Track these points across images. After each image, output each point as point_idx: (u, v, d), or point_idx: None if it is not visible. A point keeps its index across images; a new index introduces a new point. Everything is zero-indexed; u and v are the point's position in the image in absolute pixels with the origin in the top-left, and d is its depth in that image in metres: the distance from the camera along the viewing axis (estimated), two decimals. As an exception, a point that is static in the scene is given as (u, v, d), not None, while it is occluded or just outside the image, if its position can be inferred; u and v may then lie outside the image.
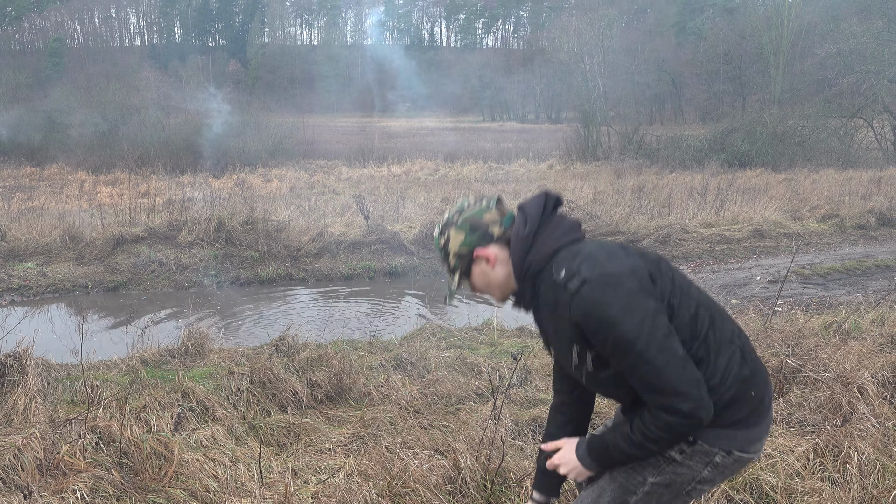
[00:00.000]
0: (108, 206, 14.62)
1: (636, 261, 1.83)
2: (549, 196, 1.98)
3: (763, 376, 1.92)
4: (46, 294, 9.46)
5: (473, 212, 1.98)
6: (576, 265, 1.80)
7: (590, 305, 1.74)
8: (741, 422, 1.84)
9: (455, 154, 29.20)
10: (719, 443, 1.84)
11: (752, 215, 13.58)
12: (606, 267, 1.78)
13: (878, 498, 2.99)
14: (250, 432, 4.29)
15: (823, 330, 5.62)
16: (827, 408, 4.01)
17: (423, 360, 5.46)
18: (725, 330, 1.89)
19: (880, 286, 9.35)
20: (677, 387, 1.70)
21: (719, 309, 1.95)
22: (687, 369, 1.72)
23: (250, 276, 10.27)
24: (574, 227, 1.96)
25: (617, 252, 1.85)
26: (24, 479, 3.14)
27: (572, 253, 1.86)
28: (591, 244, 1.90)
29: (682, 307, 1.84)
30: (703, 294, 1.94)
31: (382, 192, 18.00)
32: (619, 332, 1.72)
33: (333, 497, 3.03)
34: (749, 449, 1.87)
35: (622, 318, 1.72)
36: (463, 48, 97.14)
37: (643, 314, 1.72)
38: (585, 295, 1.75)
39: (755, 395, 1.86)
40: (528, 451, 3.62)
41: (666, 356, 1.71)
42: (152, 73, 42.50)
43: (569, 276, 1.79)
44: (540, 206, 1.95)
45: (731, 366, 1.83)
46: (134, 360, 5.60)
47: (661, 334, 1.72)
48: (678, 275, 1.93)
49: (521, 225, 1.93)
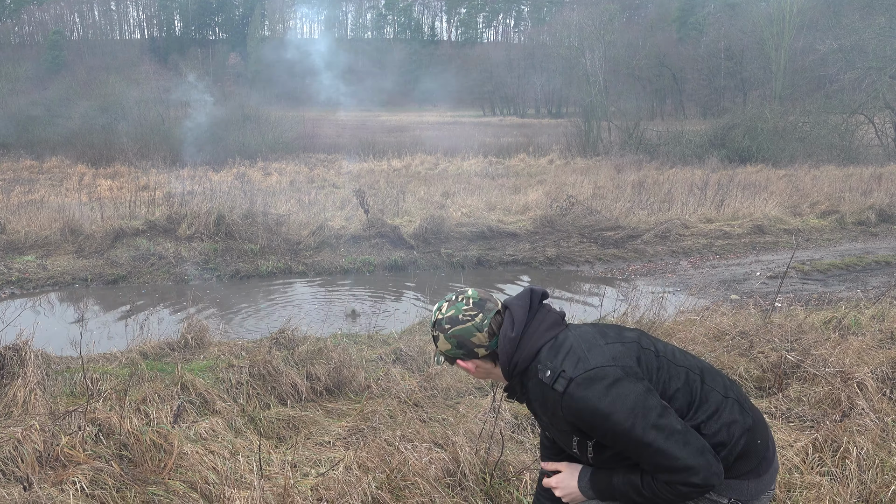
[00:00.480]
0: (107, 200, 14.60)
1: (616, 347, 1.87)
2: (534, 293, 2.02)
3: (762, 421, 1.97)
4: (46, 287, 9.45)
5: (464, 329, 1.97)
6: (558, 363, 1.85)
7: (579, 403, 1.79)
8: (752, 472, 1.88)
9: (455, 148, 29.16)
10: (731, 493, 1.88)
11: (753, 211, 13.58)
12: (588, 361, 1.81)
13: (876, 493, 2.99)
14: (250, 425, 4.29)
15: (823, 326, 5.62)
16: (826, 403, 4.02)
17: (422, 354, 5.46)
18: (718, 385, 1.93)
19: (880, 282, 9.35)
20: (685, 463, 1.73)
21: (706, 366, 2.00)
22: (690, 442, 1.75)
23: (250, 270, 10.26)
24: (556, 322, 1.99)
25: (596, 341, 1.89)
26: (23, 470, 3.15)
27: (554, 349, 1.90)
28: (571, 335, 1.93)
29: (673, 378, 1.89)
30: (687, 356, 1.99)
31: (382, 186, 17.98)
32: (613, 422, 1.76)
33: (333, 489, 3.03)
34: (759, 498, 1.91)
35: (613, 409, 1.75)
36: (463, 43, 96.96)
37: (634, 400, 1.76)
38: (573, 393, 1.79)
39: (761, 443, 1.91)
40: (527, 444, 3.62)
41: (665, 435, 1.74)
42: (152, 66, 42.42)
43: (554, 377, 1.83)
44: (525, 306, 1.98)
45: (735, 419, 1.87)
46: (133, 353, 5.60)
47: (656, 414, 1.75)
48: (660, 345, 1.98)
49: (509, 327, 1.95)
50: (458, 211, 12.91)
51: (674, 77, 53.77)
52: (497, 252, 11.26)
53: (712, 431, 1.83)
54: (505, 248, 11.50)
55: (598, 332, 1.94)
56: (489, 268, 10.94)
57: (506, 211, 13.53)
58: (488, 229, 11.76)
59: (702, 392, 1.88)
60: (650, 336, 2.02)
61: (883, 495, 2.96)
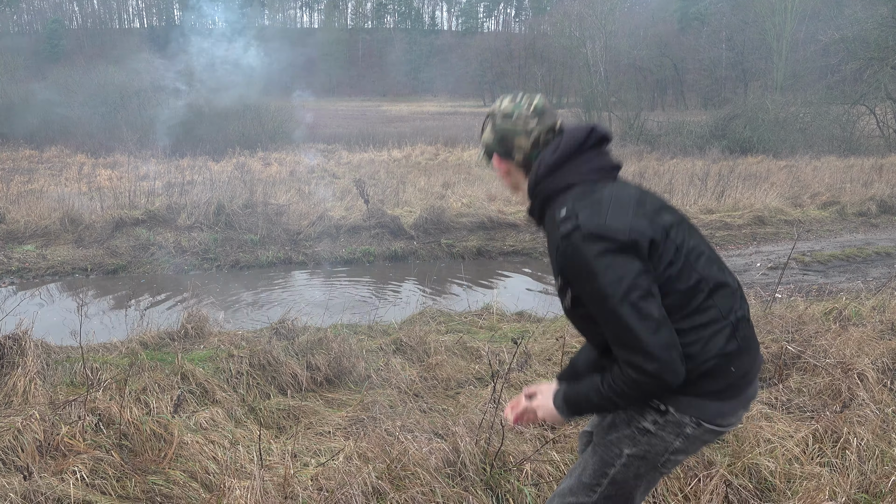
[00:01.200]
0: (107, 189, 14.58)
1: (640, 222, 1.78)
2: (594, 131, 1.93)
3: (752, 357, 1.91)
4: (46, 276, 9.45)
5: (513, 127, 1.95)
6: (578, 207, 1.79)
7: (575, 253, 1.76)
8: (715, 393, 1.84)
9: (455, 138, 29.10)
10: (690, 411, 1.84)
11: (753, 202, 13.55)
12: (604, 219, 1.76)
13: (876, 483, 2.99)
14: (250, 415, 4.30)
15: (823, 316, 5.61)
16: (826, 394, 4.02)
17: (422, 344, 5.46)
18: (724, 307, 1.86)
19: (881, 273, 9.34)
20: (645, 346, 1.70)
21: (729, 287, 1.91)
22: (660, 332, 1.71)
23: (250, 260, 10.26)
24: (604, 169, 1.91)
25: (627, 206, 1.81)
26: (23, 460, 3.15)
27: (584, 192, 1.84)
28: (610, 189, 1.86)
29: (681, 278, 1.81)
30: (712, 266, 1.90)
31: (382, 176, 17.95)
32: (596, 285, 1.73)
33: (333, 479, 3.03)
34: (720, 422, 1.87)
35: (602, 273, 1.72)
36: (464, 32, 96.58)
37: (623, 272, 1.72)
38: (574, 241, 1.75)
39: (736, 371, 1.85)
40: (527, 434, 3.62)
41: (639, 316, 1.70)
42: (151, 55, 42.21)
43: (566, 217, 1.80)
44: (578, 139, 1.90)
45: (717, 339, 1.81)
46: (133, 343, 5.59)
47: (638, 294, 1.71)
48: (692, 242, 1.89)
49: (551, 150, 1.90)
50: (458, 201, 12.88)
51: (675, 67, 53.59)
52: (497, 242, 11.25)
53: (687, 342, 1.79)
54: (505, 238, 11.48)
55: (638, 200, 1.85)
56: (489, 258, 10.93)
57: (506, 202, 13.50)
58: (488, 220, 11.74)
59: (701, 304, 1.82)
60: (689, 227, 1.93)
61: (883, 486, 2.96)
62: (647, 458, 1.91)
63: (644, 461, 1.91)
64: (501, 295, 8.20)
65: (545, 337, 5.70)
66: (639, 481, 1.94)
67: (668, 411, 1.86)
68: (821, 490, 2.90)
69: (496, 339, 5.92)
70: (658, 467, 1.92)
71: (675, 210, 1.96)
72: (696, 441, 1.88)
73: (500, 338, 5.97)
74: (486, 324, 6.66)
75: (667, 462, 1.91)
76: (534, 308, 7.36)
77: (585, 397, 1.87)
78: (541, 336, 5.74)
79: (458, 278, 9.64)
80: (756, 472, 3.12)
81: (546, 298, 8.30)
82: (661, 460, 1.90)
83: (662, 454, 1.89)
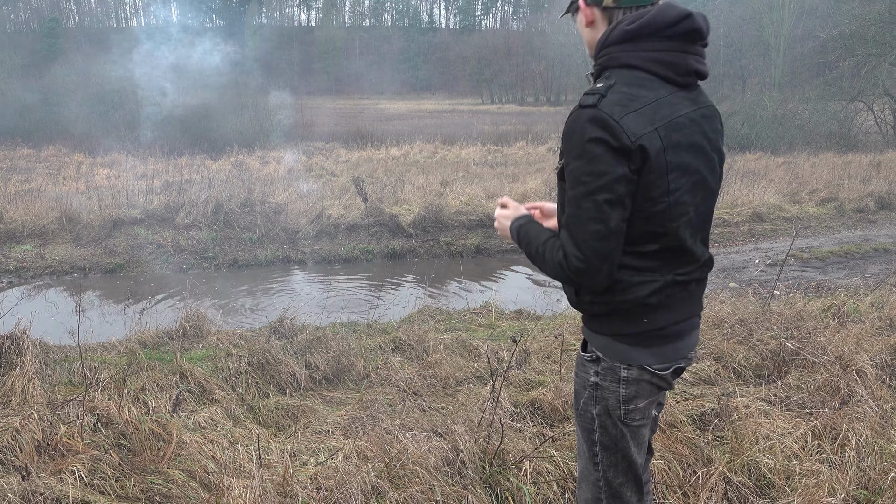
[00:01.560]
0: (105, 188, 14.56)
1: (654, 141, 1.68)
2: (690, 19, 1.73)
3: (673, 316, 1.86)
4: (44, 276, 9.43)
5: None
6: (614, 90, 1.70)
7: (577, 126, 1.69)
8: (630, 337, 1.84)
9: (453, 136, 29.06)
10: (616, 356, 1.85)
11: (752, 199, 13.56)
12: (621, 112, 1.66)
13: (875, 479, 3.00)
14: (249, 414, 4.29)
15: (822, 313, 5.62)
16: (825, 390, 4.02)
17: (421, 343, 5.45)
18: (668, 266, 1.82)
19: (879, 269, 9.35)
20: (582, 245, 1.69)
21: (689, 255, 1.85)
22: (606, 241, 1.69)
23: (248, 259, 10.25)
24: (679, 68, 1.74)
25: (657, 119, 1.69)
26: (22, 460, 3.14)
27: (635, 80, 1.72)
28: (663, 95, 1.72)
29: (650, 218, 1.75)
30: (685, 233, 1.80)
31: (381, 174, 17.94)
32: (576, 166, 1.69)
33: (332, 478, 3.03)
34: (650, 364, 1.85)
35: (587, 160, 1.67)
36: (462, 30, 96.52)
37: (606, 169, 1.66)
38: (583, 116, 1.68)
39: (648, 323, 1.83)
40: (526, 432, 3.62)
41: (597, 216, 1.67)
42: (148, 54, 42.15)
43: (595, 92, 1.71)
44: (665, 21, 1.71)
45: (642, 288, 1.79)
46: (132, 342, 5.59)
47: (607, 197, 1.66)
48: (685, 199, 1.77)
49: (633, 18, 1.74)
50: (456, 199, 12.88)
51: (673, 64, 53.48)
52: (496, 240, 11.24)
53: (618, 276, 1.77)
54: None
55: (675, 123, 1.72)
56: (488, 256, 10.93)
57: (504, 199, 13.49)
58: (487, 218, 11.73)
59: (648, 251, 1.77)
60: (698, 184, 1.80)
61: (882, 482, 2.97)
62: (610, 413, 1.90)
63: (609, 417, 1.91)
64: (500, 293, 8.19)
65: (544, 335, 5.70)
66: (623, 440, 1.92)
67: (600, 358, 1.88)
68: (820, 487, 2.90)
69: (495, 337, 5.92)
70: (625, 421, 1.90)
71: (707, 165, 1.82)
72: (642, 384, 1.87)
73: (498, 336, 5.97)
74: (484, 322, 6.66)
75: (629, 414, 1.89)
76: (532, 306, 7.36)
77: (527, 241, 1.90)
78: (539, 334, 5.74)
79: (456, 276, 9.64)
80: (755, 468, 3.12)
81: (545, 296, 8.30)
82: (621, 413, 1.89)
83: (618, 406, 1.89)
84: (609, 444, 1.93)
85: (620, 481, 1.96)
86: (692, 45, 1.77)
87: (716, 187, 1.89)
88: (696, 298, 1.95)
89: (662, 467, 3.08)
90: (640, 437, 1.95)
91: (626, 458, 1.94)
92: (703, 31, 1.76)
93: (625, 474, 1.95)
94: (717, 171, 1.89)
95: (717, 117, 1.90)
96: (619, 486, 1.96)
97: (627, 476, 1.96)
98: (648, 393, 1.90)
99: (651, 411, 1.97)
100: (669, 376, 1.91)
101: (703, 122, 1.81)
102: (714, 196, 1.90)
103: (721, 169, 1.93)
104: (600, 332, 1.89)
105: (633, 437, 1.93)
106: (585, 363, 1.94)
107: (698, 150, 1.79)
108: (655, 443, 3.34)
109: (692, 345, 1.95)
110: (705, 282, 1.99)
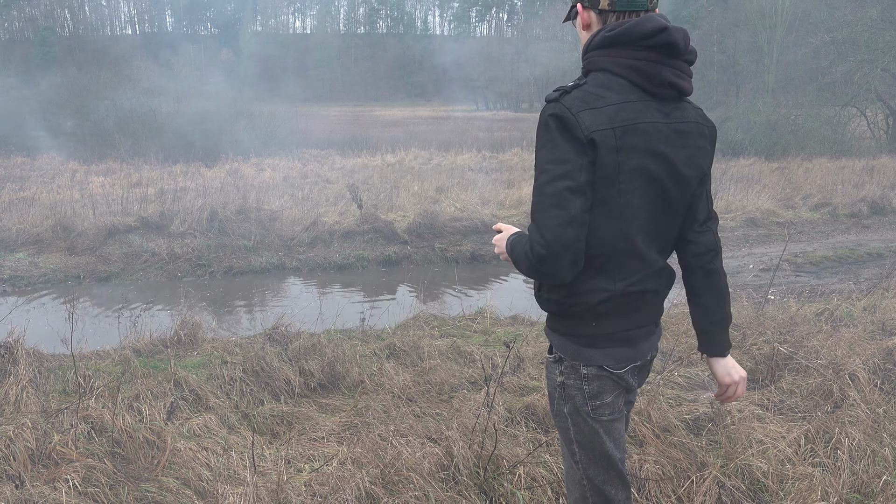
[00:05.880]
0: (99, 196, 14.52)
1: (608, 139, 1.70)
2: (665, 33, 1.75)
3: (626, 327, 1.89)
4: (38, 284, 9.41)
5: None
6: (579, 87, 1.75)
7: (541, 119, 1.75)
8: (583, 338, 1.88)
9: (449, 143, 29.10)
10: (572, 354, 1.89)
11: (745, 204, 13.61)
12: (580, 108, 1.70)
13: (868, 483, 3.01)
14: (243, 421, 4.29)
15: (815, 317, 5.64)
16: (818, 394, 4.04)
17: (416, 349, 5.46)
18: (628, 269, 1.83)
19: (872, 274, 9.39)
20: (546, 232, 1.71)
21: (644, 260, 1.85)
22: (568, 228, 1.70)
23: (243, 266, 10.24)
24: (653, 77, 1.76)
25: (609, 114, 1.71)
26: (15, 468, 3.13)
27: (603, 81, 1.76)
28: (625, 94, 1.75)
29: (608, 214, 1.76)
30: (638, 238, 1.81)
31: (376, 181, 17.94)
32: (540, 156, 1.75)
33: (326, 485, 3.03)
34: (605, 364, 1.88)
35: (550, 149, 1.72)
36: (457, 37, 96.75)
37: (568, 157, 1.69)
38: (546, 111, 1.75)
39: (597, 328, 1.86)
40: (520, 438, 3.62)
41: (558, 203, 1.70)
42: (144, 62, 42.17)
43: (564, 89, 1.76)
44: (640, 32, 1.74)
45: (592, 295, 1.83)
46: (126, 350, 5.58)
47: (568, 185, 1.69)
48: (636, 203, 1.78)
49: (613, 27, 1.78)
50: (451, 206, 12.90)
51: (667, 70, 53.69)
52: (491, 247, 11.24)
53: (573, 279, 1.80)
54: (499, 242, 11.48)
55: (637, 129, 1.73)
56: (483, 262, 10.94)
57: (500, 205, 13.53)
58: (482, 224, 11.75)
59: (598, 260, 1.80)
60: (657, 190, 1.80)
61: (875, 485, 2.98)
62: (579, 410, 1.93)
63: (579, 415, 1.93)
64: (495, 299, 8.20)
65: (538, 340, 5.71)
66: (597, 436, 1.94)
67: (562, 358, 1.92)
68: (813, 490, 2.91)
69: (490, 342, 5.93)
70: (595, 417, 1.92)
71: (671, 177, 1.82)
72: (604, 379, 1.90)
73: (493, 341, 5.98)
74: (479, 328, 6.67)
75: (597, 410, 1.92)
76: (527, 312, 7.37)
77: (513, 246, 1.91)
78: (534, 339, 5.75)
79: (451, 283, 9.65)
80: (749, 472, 3.13)
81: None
82: (589, 409, 1.92)
83: (584, 403, 1.91)
84: (584, 441, 1.96)
85: (602, 478, 1.98)
86: (669, 58, 1.78)
87: (679, 200, 1.87)
88: (653, 308, 1.97)
89: (656, 472, 3.09)
90: (615, 432, 1.97)
91: (603, 454, 1.96)
92: (679, 45, 1.77)
93: (605, 471, 1.98)
94: (685, 186, 1.87)
95: (701, 134, 1.88)
96: (601, 483, 1.99)
97: (609, 472, 1.98)
98: (613, 387, 1.93)
99: (620, 405, 1.98)
100: (627, 375, 1.93)
101: (675, 136, 1.81)
102: (676, 209, 1.88)
103: (700, 188, 1.93)
104: (557, 331, 1.94)
105: (608, 433, 1.95)
106: (551, 364, 1.99)
107: (661, 159, 1.79)
108: (649, 447, 3.35)
109: (648, 350, 1.98)
110: (664, 294, 1.99)
